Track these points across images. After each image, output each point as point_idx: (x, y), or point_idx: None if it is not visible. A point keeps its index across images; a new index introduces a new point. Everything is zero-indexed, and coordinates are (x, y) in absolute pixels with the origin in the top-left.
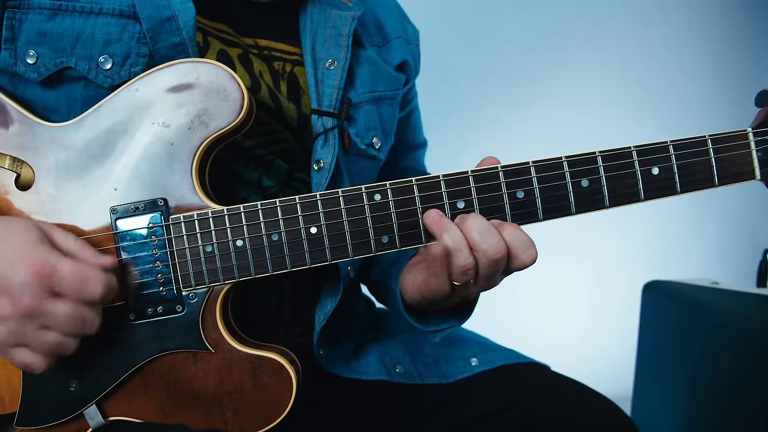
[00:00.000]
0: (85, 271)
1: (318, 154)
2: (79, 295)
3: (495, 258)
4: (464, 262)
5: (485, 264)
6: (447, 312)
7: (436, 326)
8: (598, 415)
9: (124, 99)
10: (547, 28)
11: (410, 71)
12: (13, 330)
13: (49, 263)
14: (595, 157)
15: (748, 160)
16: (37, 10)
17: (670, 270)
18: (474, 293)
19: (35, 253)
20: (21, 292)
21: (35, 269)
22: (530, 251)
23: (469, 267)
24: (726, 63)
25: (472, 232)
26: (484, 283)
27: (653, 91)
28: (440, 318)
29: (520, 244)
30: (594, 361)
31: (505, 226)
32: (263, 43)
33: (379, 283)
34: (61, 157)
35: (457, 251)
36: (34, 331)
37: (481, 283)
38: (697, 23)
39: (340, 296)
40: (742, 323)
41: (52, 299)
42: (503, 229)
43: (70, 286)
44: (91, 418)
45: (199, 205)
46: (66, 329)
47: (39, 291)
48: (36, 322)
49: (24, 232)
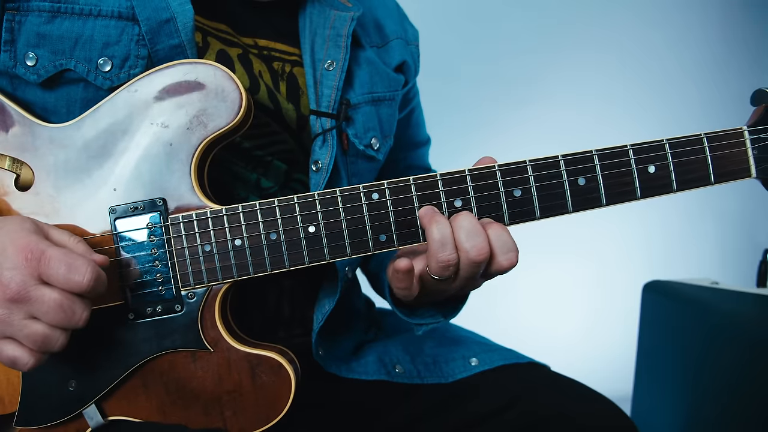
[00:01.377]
0: (74, 258)
1: (316, 155)
2: (66, 282)
3: (476, 259)
4: (446, 258)
5: (466, 264)
6: (433, 307)
7: (420, 319)
8: (598, 415)
9: (123, 99)
10: (547, 28)
11: (409, 72)
12: (1, 318)
13: (39, 248)
14: (592, 156)
15: (743, 158)
16: (37, 13)
17: (670, 270)
18: (455, 290)
19: (26, 239)
20: (10, 277)
21: (25, 255)
22: (510, 255)
23: (450, 263)
24: (726, 63)
25: (460, 230)
26: (463, 282)
27: (653, 91)
28: (425, 311)
29: (501, 245)
30: (594, 361)
31: (493, 226)
32: (263, 43)
33: (375, 275)
34: (61, 157)
35: (442, 246)
36: (21, 320)
37: (461, 282)
38: (697, 23)
39: (338, 296)
40: (742, 323)
41: (40, 286)
42: (490, 228)
43: (57, 272)
44: (91, 418)
45: (197, 205)
46: (53, 319)
47: (27, 276)
48: (23, 310)
49: (18, 222)
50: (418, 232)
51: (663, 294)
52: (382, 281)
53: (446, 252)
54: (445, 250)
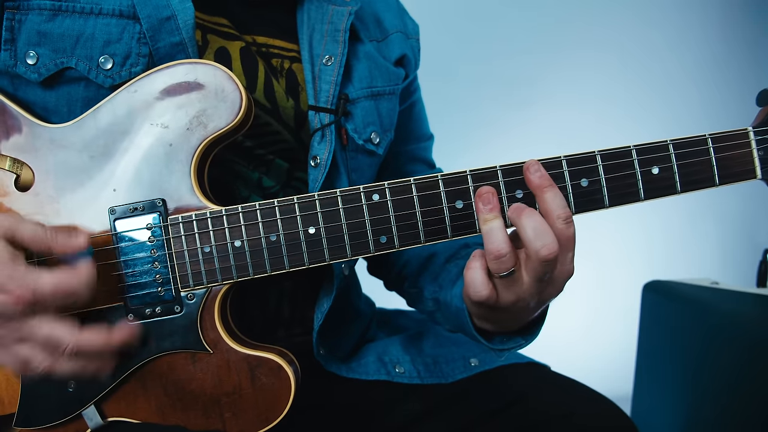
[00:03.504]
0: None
1: (315, 151)
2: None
3: (546, 257)
4: (541, 247)
5: (535, 262)
6: (514, 332)
7: (501, 345)
8: (599, 415)
9: (123, 100)
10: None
11: (409, 65)
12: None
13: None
14: (595, 157)
15: (748, 160)
16: (37, 11)
17: (670, 270)
18: (530, 300)
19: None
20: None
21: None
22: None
23: (502, 253)
24: (726, 63)
25: (527, 228)
26: (531, 285)
27: (654, 92)
28: (503, 337)
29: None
30: (594, 360)
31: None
32: (261, 40)
33: (438, 300)
34: (61, 158)
35: (538, 236)
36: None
37: (527, 285)
38: (697, 23)
39: (335, 294)
40: (742, 323)
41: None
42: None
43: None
44: (90, 419)
45: (197, 205)
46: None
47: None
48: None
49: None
50: (418, 234)
51: (663, 294)
52: (454, 308)
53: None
54: (544, 239)
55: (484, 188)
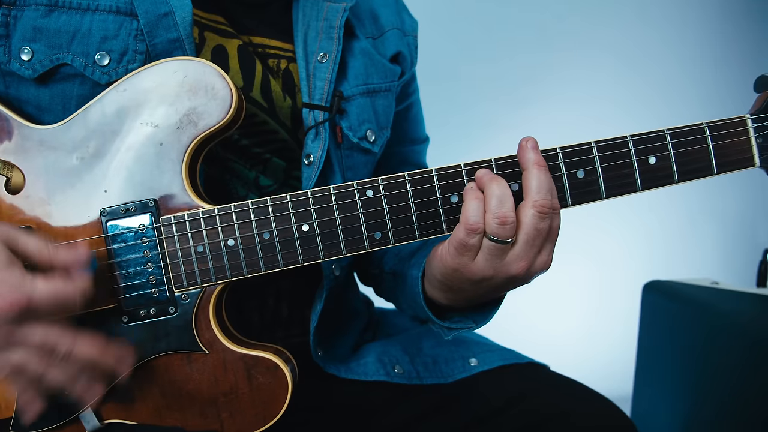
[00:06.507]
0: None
1: (308, 148)
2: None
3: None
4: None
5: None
6: (466, 310)
7: (451, 323)
8: (598, 415)
9: (112, 100)
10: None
11: (405, 63)
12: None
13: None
14: (591, 148)
15: (747, 147)
16: (34, 7)
17: (670, 270)
18: (502, 277)
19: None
20: None
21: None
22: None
23: (506, 218)
24: (726, 62)
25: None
26: (523, 249)
27: (654, 91)
28: (458, 317)
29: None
30: (594, 361)
31: None
32: (257, 40)
33: (396, 273)
34: (51, 159)
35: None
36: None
37: (520, 250)
38: (697, 23)
39: (325, 295)
40: (742, 323)
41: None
42: None
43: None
44: (87, 422)
45: (190, 204)
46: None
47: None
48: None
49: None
50: (413, 229)
51: (663, 294)
52: (407, 277)
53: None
54: (545, 196)
55: (481, 170)
